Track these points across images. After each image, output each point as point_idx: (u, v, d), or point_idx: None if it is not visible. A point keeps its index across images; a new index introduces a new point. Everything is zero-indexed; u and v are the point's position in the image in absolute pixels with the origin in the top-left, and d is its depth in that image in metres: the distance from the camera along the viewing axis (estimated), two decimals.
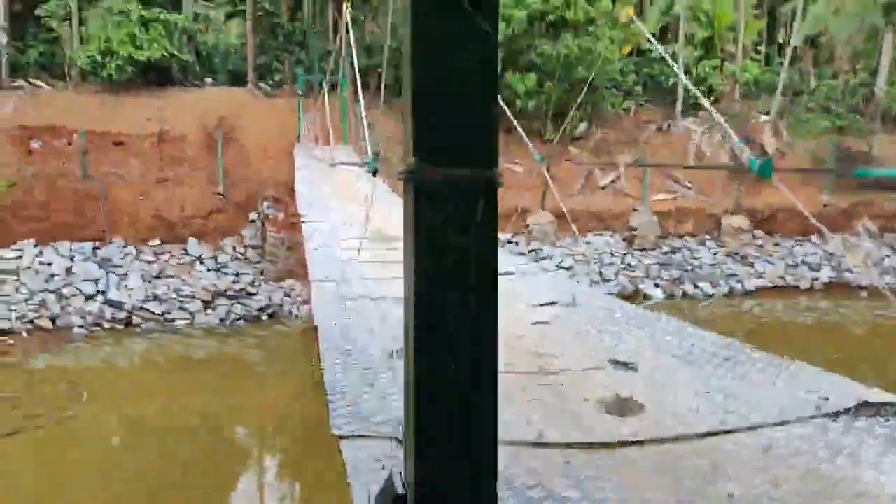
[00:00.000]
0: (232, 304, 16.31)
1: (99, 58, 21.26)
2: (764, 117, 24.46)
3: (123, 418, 11.46)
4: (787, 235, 21.99)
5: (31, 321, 14.60)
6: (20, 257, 16.27)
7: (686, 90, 25.32)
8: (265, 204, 19.10)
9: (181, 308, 15.94)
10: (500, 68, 22.68)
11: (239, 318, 16.05)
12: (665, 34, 27.45)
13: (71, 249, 16.81)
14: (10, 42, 22.75)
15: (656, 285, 19.35)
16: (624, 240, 20.82)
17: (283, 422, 11.66)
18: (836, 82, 26.75)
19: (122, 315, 15.32)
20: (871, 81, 25.67)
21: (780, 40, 34.49)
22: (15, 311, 14.71)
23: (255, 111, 22.53)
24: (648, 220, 20.76)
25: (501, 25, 21.17)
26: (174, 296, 16.17)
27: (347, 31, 11.81)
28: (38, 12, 22.65)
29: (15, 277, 15.64)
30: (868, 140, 23.33)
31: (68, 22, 22.63)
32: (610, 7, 21.37)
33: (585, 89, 22.12)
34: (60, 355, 13.75)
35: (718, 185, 22.86)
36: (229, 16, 31.90)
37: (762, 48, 30.89)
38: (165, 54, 21.77)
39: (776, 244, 21.71)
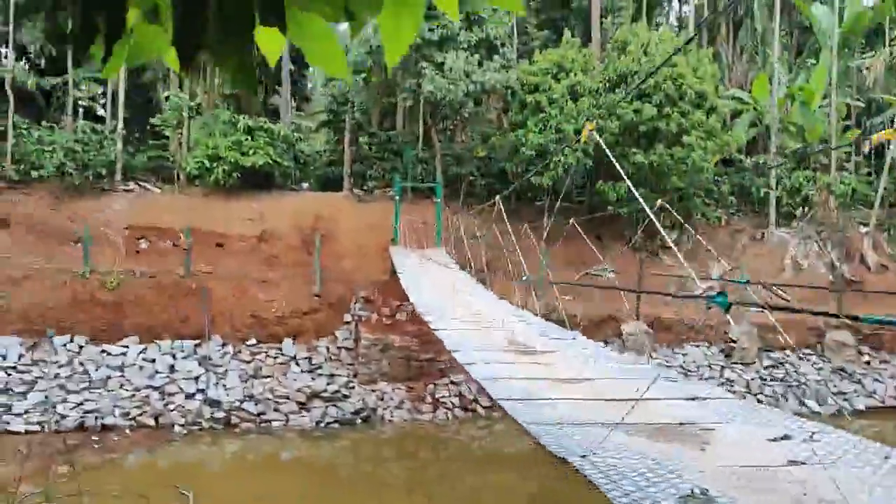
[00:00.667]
0: (326, 407, 16.22)
1: (206, 163, 22.38)
2: (863, 229, 23.77)
3: None
4: (894, 352, 20.89)
5: (134, 418, 14.77)
6: (125, 353, 16.68)
7: (779, 200, 24.96)
8: (357, 305, 19.27)
9: (276, 409, 15.92)
10: (592, 177, 22.96)
11: (333, 422, 15.91)
12: (754, 145, 27.38)
13: (172, 346, 17.16)
14: (124, 148, 24.23)
15: (759, 401, 18.44)
16: (722, 352, 20.10)
17: None
18: None
19: (221, 414, 15.37)
20: None
21: (865, 150, 33.98)
22: (119, 407, 14.94)
23: (349, 215, 23.16)
24: (748, 332, 20.03)
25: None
26: (270, 396, 16.19)
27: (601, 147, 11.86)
28: (153, 121, 24.16)
29: (120, 373, 15.98)
30: None
31: (179, 130, 24.02)
32: (703, 118, 21.43)
33: (677, 197, 22.07)
34: (163, 454, 13.78)
35: (818, 298, 22.05)
36: (322, 125, 33.40)
37: (853, 158, 30.37)
38: (269, 160, 22.78)
39: (884, 361, 20.60)
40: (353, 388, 17.08)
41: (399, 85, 22.40)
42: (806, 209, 25.26)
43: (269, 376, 16.92)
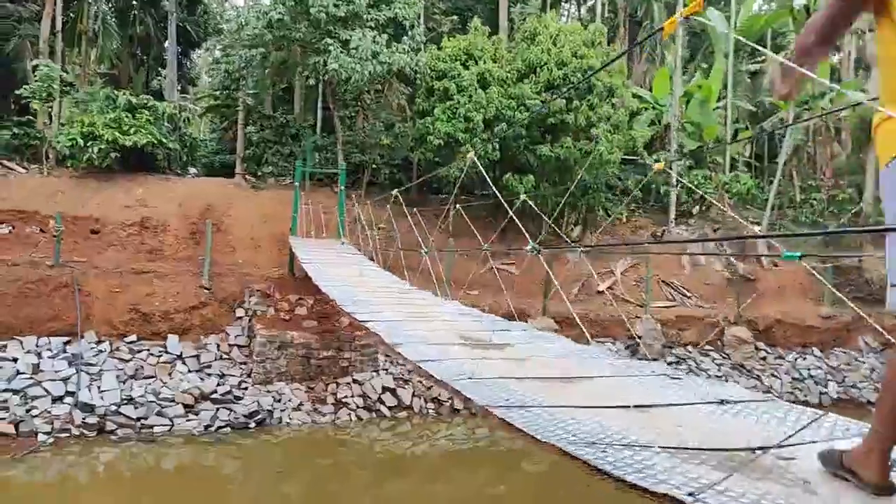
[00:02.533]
0: (217, 410, 14.74)
1: (80, 141, 20.13)
2: (757, 228, 24.37)
3: None
4: (788, 348, 21.46)
5: None
6: None
7: (678, 198, 25.26)
8: (252, 299, 17.83)
9: (159, 413, 14.29)
10: (498, 169, 22.33)
11: (224, 425, 14.46)
12: (653, 144, 27.67)
13: (38, 345, 15.15)
14: None
15: None
16: (627, 348, 19.96)
17: None
18: (821, 196, 27.07)
19: (94, 420, 13.61)
20: (856, 196, 26.06)
21: (753, 154, 35.31)
22: None
23: (243, 203, 21.52)
24: (652, 329, 19.99)
25: (502, 126, 20.92)
26: (152, 399, 14.54)
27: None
28: (18, 92, 21.57)
29: None
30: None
31: (49, 104, 21.56)
32: (611, 111, 21.27)
33: (583, 191, 21.79)
34: (24, 467, 11.95)
35: (718, 294, 22.41)
36: (210, 108, 31.35)
37: (745, 159, 31.37)
38: (153, 140, 20.77)
39: (778, 357, 21.12)
40: (247, 388, 15.67)
41: (301, 63, 20.96)
42: (703, 208, 25.72)
43: (151, 377, 15.22)
